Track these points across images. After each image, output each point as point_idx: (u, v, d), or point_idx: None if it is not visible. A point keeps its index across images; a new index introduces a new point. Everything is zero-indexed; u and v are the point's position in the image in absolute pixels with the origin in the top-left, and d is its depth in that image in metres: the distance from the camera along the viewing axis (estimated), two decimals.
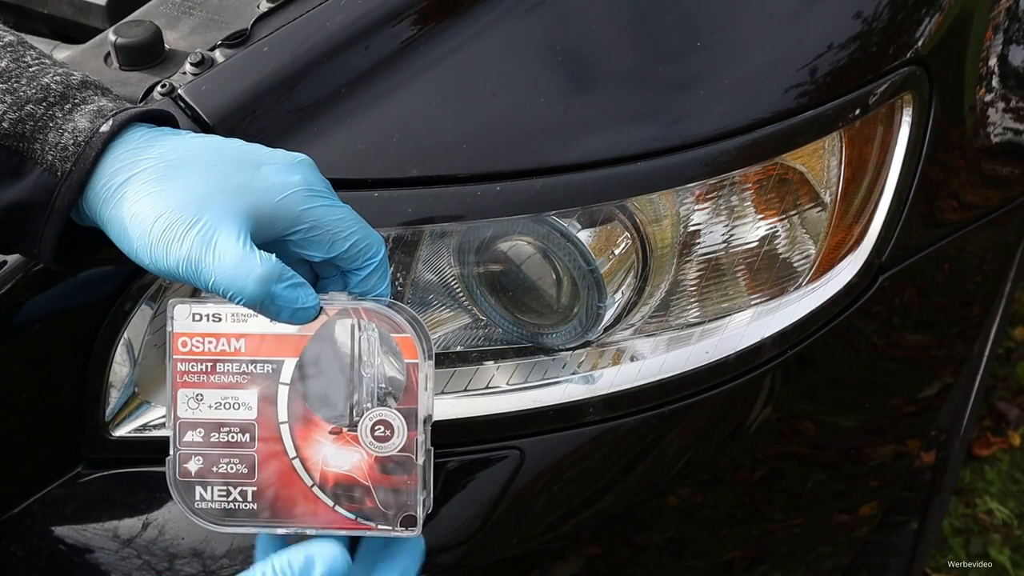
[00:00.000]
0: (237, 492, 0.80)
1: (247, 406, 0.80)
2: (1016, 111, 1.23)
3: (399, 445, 0.79)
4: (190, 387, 0.80)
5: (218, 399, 0.80)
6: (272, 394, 0.79)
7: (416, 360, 0.79)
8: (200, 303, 0.80)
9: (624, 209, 0.97)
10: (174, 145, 0.77)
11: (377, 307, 0.79)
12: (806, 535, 1.27)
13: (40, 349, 0.95)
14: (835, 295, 1.09)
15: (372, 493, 0.79)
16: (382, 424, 0.79)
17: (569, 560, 1.07)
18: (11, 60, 0.78)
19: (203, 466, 0.80)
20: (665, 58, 1.00)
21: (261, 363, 0.79)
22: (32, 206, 0.77)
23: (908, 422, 1.30)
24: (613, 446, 1.03)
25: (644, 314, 1.02)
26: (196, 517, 0.81)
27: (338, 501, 0.79)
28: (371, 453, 0.79)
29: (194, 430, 0.80)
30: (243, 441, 0.80)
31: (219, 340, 0.80)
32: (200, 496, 0.80)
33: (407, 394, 0.79)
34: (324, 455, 0.79)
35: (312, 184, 0.78)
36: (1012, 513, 2.10)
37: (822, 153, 1.04)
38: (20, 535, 0.99)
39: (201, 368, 0.80)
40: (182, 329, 0.80)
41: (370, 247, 0.80)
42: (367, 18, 0.95)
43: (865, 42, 1.04)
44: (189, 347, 0.80)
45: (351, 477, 0.79)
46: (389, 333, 0.78)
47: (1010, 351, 2.37)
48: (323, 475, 0.79)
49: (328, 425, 0.79)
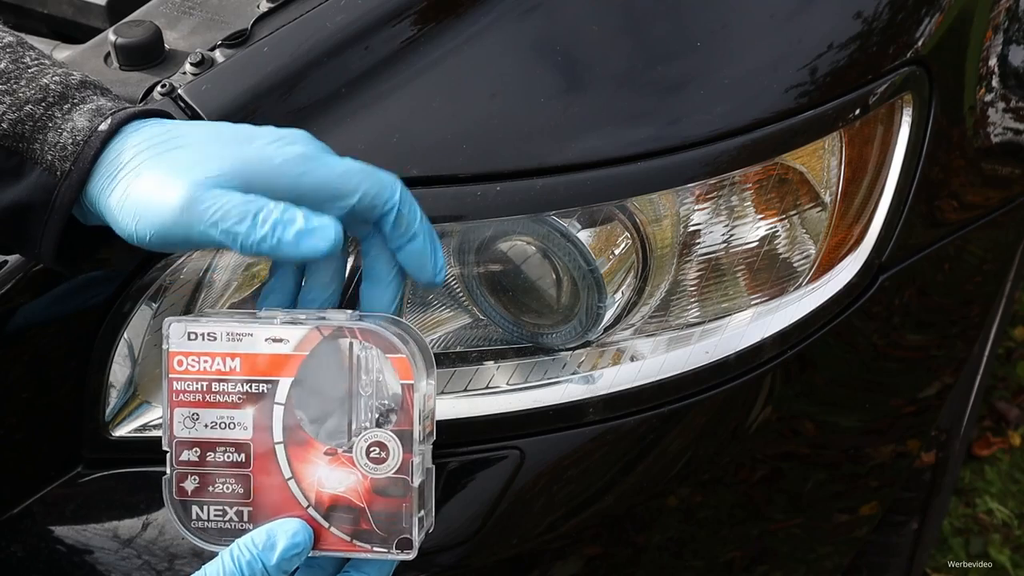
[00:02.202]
0: (233, 512, 0.80)
1: (242, 426, 0.79)
2: (1016, 111, 1.23)
3: (394, 467, 0.79)
4: (186, 406, 0.80)
5: (214, 419, 0.79)
6: (267, 414, 0.79)
7: (411, 381, 0.78)
8: (195, 322, 0.79)
9: (624, 209, 0.97)
10: (168, 129, 0.77)
11: (372, 327, 0.78)
12: (806, 535, 1.27)
13: (40, 349, 0.95)
14: (835, 295, 1.09)
15: (367, 515, 0.79)
16: (377, 445, 0.79)
17: (569, 560, 1.07)
18: (10, 61, 0.79)
19: (199, 485, 0.80)
20: (665, 58, 1.00)
21: (256, 383, 0.79)
22: (32, 206, 0.77)
23: (908, 422, 1.30)
24: (613, 446, 1.03)
25: (644, 314, 1.02)
26: (192, 536, 0.80)
27: (333, 522, 0.79)
28: (366, 475, 0.79)
29: (190, 449, 0.80)
30: (239, 461, 0.79)
31: (214, 359, 0.79)
32: (196, 515, 0.80)
33: (402, 415, 0.78)
34: (319, 476, 0.79)
35: (308, 149, 0.77)
36: (1012, 513, 2.10)
37: (822, 153, 1.04)
38: (20, 535, 0.99)
39: (197, 387, 0.79)
40: (177, 348, 0.79)
41: (383, 190, 0.77)
42: (367, 18, 0.95)
43: (865, 42, 1.04)
44: (185, 366, 0.79)
45: (346, 499, 0.79)
46: (385, 354, 0.78)
47: (1010, 351, 2.37)
48: (318, 496, 0.79)
49: (323, 446, 0.79)
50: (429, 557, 0.99)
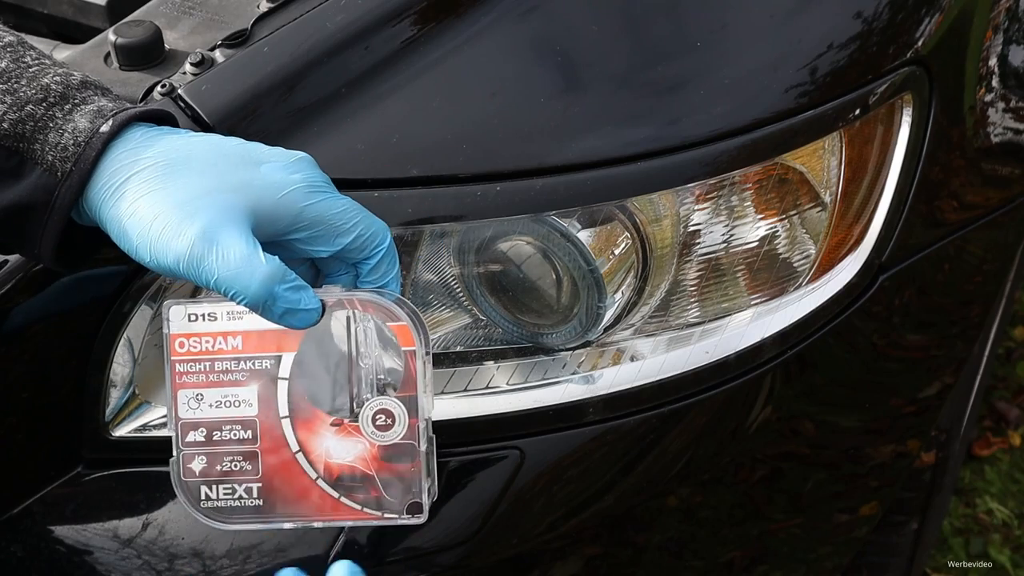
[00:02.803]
0: (242, 489, 0.80)
1: (247, 403, 0.80)
2: (1016, 111, 1.23)
3: (401, 433, 0.79)
4: (190, 387, 0.80)
5: (218, 398, 0.80)
6: (271, 389, 0.79)
7: (413, 347, 0.79)
8: (195, 303, 0.80)
9: (624, 209, 0.97)
10: (174, 144, 0.77)
11: (371, 296, 0.79)
12: (806, 535, 1.27)
13: (40, 349, 0.95)
14: (835, 295, 1.09)
15: (376, 482, 0.79)
16: (383, 413, 0.79)
17: (569, 560, 1.07)
18: (11, 60, 0.78)
19: (207, 465, 0.80)
20: (664, 58, 1.00)
21: (259, 359, 0.80)
22: (32, 206, 0.77)
23: (908, 422, 1.30)
24: (613, 446, 1.03)
25: (644, 314, 1.02)
26: (203, 516, 0.81)
27: (343, 492, 0.80)
28: (373, 442, 0.79)
29: (196, 430, 0.80)
30: (245, 438, 0.80)
31: (216, 339, 0.80)
32: (205, 495, 0.81)
33: (406, 381, 0.79)
34: (327, 447, 0.79)
35: (312, 180, 0.78)
36: (1012, 513, 2.10)
37: (822, 153, 1.04)
38: (20, 535, 0.99)
39: (199, 368, 0.80)
40: (178, 330, 0.80)
41: (376, 236, 0.80)
42: (367, 18, 0.95)
43: (865, 42, 1.04)
44: (186, 348, 0.80)
45: (355, 468, 0.79)
46: (384, 322, 0.79)
47: (1010, 351, 2.37)
48: (327, 467, 0.80)
49: (329, 417, 0.79)
50: (429, 557, 1.00)
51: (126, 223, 0.75)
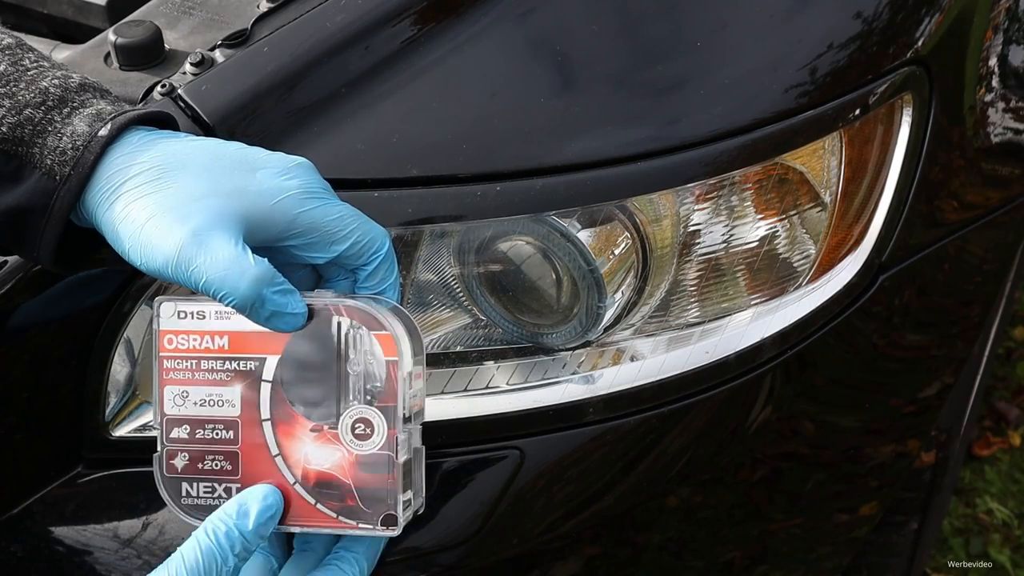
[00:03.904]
0: (222, 488, 0.80)
1: (231, 403, 0.80)
2: (1016, 111, 1.23)
3: (379, 443, 0.79)
4: (176, 384, 0.80)
5: (203, 396, 0.80)
6: (255, 391, 0.79)
7: (395, 358, 0.78)
8: (185, 301, 0.80)
9: (624, 209, 0.97)
10: (171, 148, 0.77)
11: (358, 304, 0.79)
12: (806, 535, 1.27)
13: (40, 349, 0.96)
14: (835, 295, 1.09)
15: (353, 491, 0.79)
16: (362, 422, 0.79)
17: (569, 560, 1.07)
18: (9, 63, 0.78)
19: (189, 463, 0.80)
20: (664, 58, 1.00)
21: (244, 360, 0.80)
22: (31, 210, 0.77)
23: (908, 422, 1.30)
24: (613, 446, 1.03)
25: (644, 314, 1.02)
26: (182, 513, 0.81)
27: (319, 499, 0.79)
28: (351, 451, 0.79)
29: (180, 427, 0.80)
30: (227, 438, 0.80)
31: (203, 337, 0.80)
32: (186, 492, 0.81)
33: (387, 392, 0.79)
34: (305, 453, 0.79)
35: (309, 187, 0.78)
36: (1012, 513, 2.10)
37: (822, 153, 1.04)
38: (20, 535, 1.00)
39: (186, 365, 0.80)
40: (168, 327, 0.80)
41: (373, 242, 0.80)
42: (367, 18, 0.95)
43: (865, 42, 1.04)
44: (175, 344, 0.80)
45: (332, 475, 0.79)
46: (369, 331, 0.78)
47: (1010, 351, 2.37)
48: (305, 472, 0.79)
49: (309, 423, 0.79)
50: (429, 557, 1.00)
51: (119, 226, 0.75)
